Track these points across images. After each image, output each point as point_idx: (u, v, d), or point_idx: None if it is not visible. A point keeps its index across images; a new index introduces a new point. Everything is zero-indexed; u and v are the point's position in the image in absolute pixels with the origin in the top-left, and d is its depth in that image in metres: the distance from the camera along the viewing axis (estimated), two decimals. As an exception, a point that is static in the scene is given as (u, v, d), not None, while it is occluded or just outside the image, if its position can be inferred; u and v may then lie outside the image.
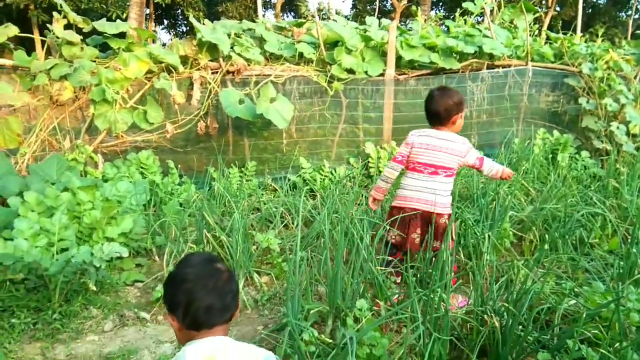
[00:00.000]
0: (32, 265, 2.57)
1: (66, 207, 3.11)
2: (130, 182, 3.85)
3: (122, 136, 4.44)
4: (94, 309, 2.68)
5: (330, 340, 2.11)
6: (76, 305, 2.63)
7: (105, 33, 4.38)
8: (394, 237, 2.65)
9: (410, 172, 2.64)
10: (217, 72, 4.64)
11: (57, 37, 4.25)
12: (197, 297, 1.31)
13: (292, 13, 22.25)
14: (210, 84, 4.58)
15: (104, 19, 4.50)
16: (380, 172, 4.87)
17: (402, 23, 5.67)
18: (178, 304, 1.33)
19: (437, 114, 2.59)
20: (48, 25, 4.27)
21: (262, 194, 4.45)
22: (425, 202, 2.56)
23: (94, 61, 4.29)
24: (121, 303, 2.79)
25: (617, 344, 1.78)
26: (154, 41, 4.79)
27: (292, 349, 1.94)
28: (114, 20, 4.48)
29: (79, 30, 4.36)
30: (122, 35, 4.54)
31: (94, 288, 2.73)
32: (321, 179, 4.84)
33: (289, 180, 4.76)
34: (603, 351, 1.65)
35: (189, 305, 1.31)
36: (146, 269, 3.21)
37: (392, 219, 2.64)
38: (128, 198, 3.58)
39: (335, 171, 4.91)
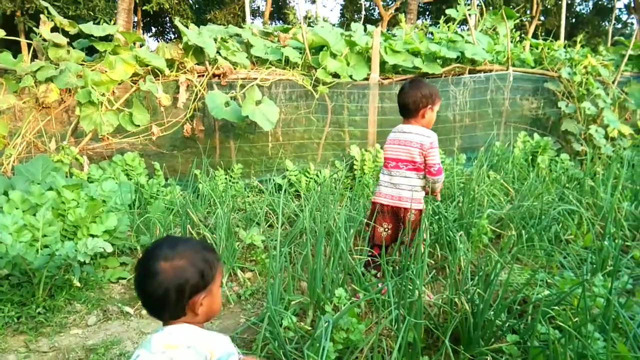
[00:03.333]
0: (16, 260, 2.59)
1: (51, 205, 3.14)
2: (116, 183, 3.88)
3: (107, 138, 4.48)
4: (78, 304, 2.71)
5: (310, 328, 2.16)
6: (60, 300, 2.66)
7: (92, 36, 4.44)
8: (369, 231, 2.72)
9: (382, 168, 2.73)
10: (203, 76, 4.71)
11: (44, 40, 4.29)
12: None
13: (280, 21, 22.48)
14: (196, 87, 4.64)
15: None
16: (364, 173, 4.95)
17: (389, 31, 5.78)
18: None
19: (406, 106, 2.61)
20: (35, 29, 4.31)
21: (248, 195, 4.50)
22: (391, 197, 2.63)
23: (81, 64, 4.34)
24: (105, 299, 2.81)
25: (582, 327, 1.85)
26: (141, 45, 4.84)
27: (272, 334, 1.99)
28: (102, 26, 4.53)
29: (65, 34, 4.41)
30: (108, 39, 4.59)
31: (78, 284, 2.76)
32: (307, 181, 4.90)
33: (274, 182, 4.81)
34: (567, 328, 1.71)
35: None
36: (130, 267, 3.23)
37: (370, 214, 2.72)
38: (113, 198, 3.61)
39: (321, 173, 4.98)
